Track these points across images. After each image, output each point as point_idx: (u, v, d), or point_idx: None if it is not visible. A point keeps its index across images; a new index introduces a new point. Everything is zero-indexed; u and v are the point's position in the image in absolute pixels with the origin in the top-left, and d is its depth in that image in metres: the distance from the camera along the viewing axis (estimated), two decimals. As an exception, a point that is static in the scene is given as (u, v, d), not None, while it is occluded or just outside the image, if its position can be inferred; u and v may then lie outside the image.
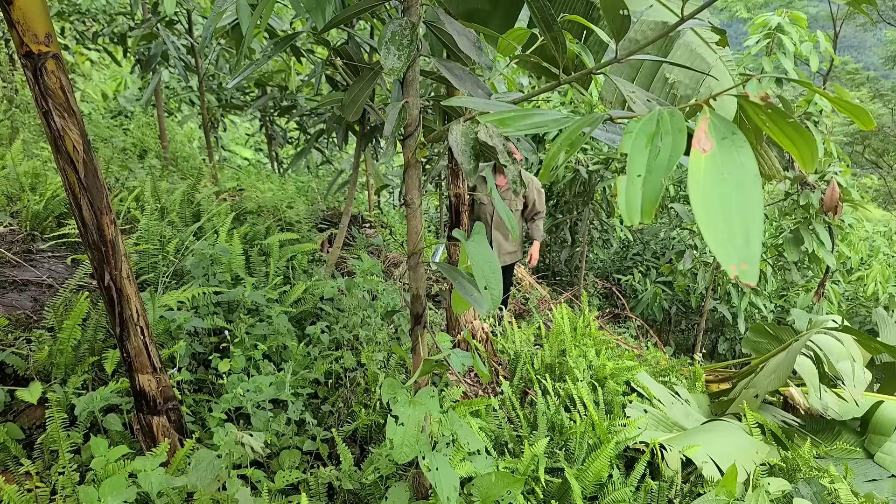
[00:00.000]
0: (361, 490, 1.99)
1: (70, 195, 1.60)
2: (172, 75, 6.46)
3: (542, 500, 2.16)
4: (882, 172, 19.07)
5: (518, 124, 1.10)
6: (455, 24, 1.52)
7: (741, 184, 0.66)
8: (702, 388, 3.74)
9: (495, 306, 1.36)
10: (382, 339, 2.94)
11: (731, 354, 6.34)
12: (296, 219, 4.27)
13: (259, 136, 9.39)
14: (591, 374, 3.11)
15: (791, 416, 3.15)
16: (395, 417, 1.49)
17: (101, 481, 1.59)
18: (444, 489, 1.49)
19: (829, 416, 3.11)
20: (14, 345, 2.20)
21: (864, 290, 6.65)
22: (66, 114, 1.53)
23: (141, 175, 4.51)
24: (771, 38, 5.26)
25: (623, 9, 1.08)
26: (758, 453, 2.58)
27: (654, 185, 0.70)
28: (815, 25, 14.11)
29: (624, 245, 7.63)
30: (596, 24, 2.14)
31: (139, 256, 3.09)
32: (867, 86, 17.19)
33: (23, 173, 3.52)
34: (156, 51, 4.59)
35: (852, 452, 2.85)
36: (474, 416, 2.50)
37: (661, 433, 2.75)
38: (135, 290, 1.75)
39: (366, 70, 1.66)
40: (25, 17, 1.45)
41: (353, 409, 2.47)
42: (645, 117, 0.80)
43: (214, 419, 2.06)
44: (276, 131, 6.45)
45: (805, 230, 4.88)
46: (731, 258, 0.63)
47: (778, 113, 0.85)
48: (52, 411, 1.83)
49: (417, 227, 1.57)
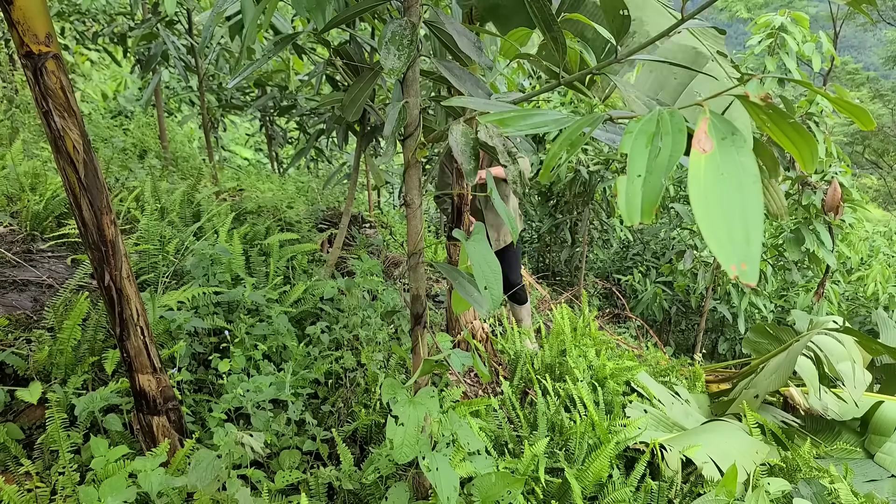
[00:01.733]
0: (361, 490, 1.99)
1: (70, 195, 1.60)
2: (172, 75, 6.46)
3: (542, 500, 2.16)
4: (882, 172, 19.07)
5: (518, 124, 1.10)
6: (455, 24, 1.52)
7: (741, 183, 0.66)
8: (702, 388, 3.74)
9: (495, 306, 1.36)
10: (382, 339, 2.94)
11: (731, 354, 6.34)
12: (296, 219, 4.27)
13: (259, 136, 9.39)
14: (592, 374, 3.11)
15: (791, 417, 3.15)
16: (395, 417, 1.49)
17: (101, 481, 1.59)
18: (444, 489, 1.49)
19: (829, 417, 3.11)
20: (14, 345, 2.20)
21: (864, 290, 6.65)
22: (66, 114, 1.53)
23: (141, 175, 4.51)
24: (773, 39, 5.26)
25: (623, 9, 1.08)
26: (758, 453, 2.58)
27: (654, 185, 0.70)
28: (815, 25, 14.10)
29: (624, 245, 7.63)
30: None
31: (139, 256, 3.09)
32: (867, 86, 17.19)
33: (23, 173, 3.52)
34: (156, 51, 4.59)
35: (852, 453, 2.85)
36: (474, 416, 2.50)
37: (661, 433, 2.76)
38: (135, 290, 1.75)
39: (366, 70, 1.66)
40: (25, 17, 1.45)
41: (353, 409, 2.47)
42: (645, 117, 0.79)
43: (214, 419, 2.06)
44: (276, 131, 6.46)
45: (806, 230, 4.88)
46: (732, 258, 0.63)
47: (779, 113, 0.85)
48: (52, 411, 1.83)
49: (417, 227, 1.57)
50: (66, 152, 1.55)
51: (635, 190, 0.71)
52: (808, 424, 3.14)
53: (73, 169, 1.56)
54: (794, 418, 3.13)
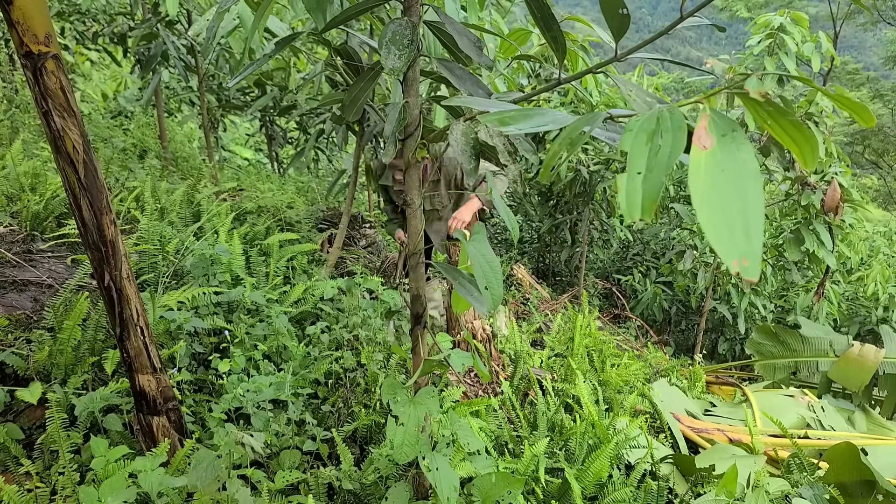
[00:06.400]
0: (361, 490, 1.99)
1: (70, 195, 1.60)
2: (172, 75, 6.45)
3: (542, 500, 2.16)
4: (882, 172, 19.08)
5: (519, 124, 1.10)
6: (455, 24, 1.52)
7: (742, 180, 0.66)
8: (702, 388, 3.74)
9: (495, 306, 1.36)
10: (382, 339, 2.94)
11: (732, 355, 6.33)
12: (296, 219, 4.27)
13: (259, 136, 9.38)
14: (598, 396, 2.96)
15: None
16: (396, 417, 1.48)
17: (101, 481, 1.59)
18: (444, 489, 1.49)
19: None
20: (14, 345, 2.20)
21: (864, 290, 6.65)
22: (66, 114, 1.53)
23: (141, 175, 4.50)
24: (773, 39, 5.26)
25: (622, 8, 1.08)
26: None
27: (654, 183, 0.70)
28: (815, 25, 14.11)
29: (624, 245, 7.63)
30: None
31: (139, 256, 3.09)
32: (867, 86, 17.19)
33: (23, 173, 3.52)
34: (156, 51, 4.59)
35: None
36: (474, 416, 2.50)
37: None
38: (135, 290, 1.75)
39: (366, 70, 1.66)
40: (25, 17, 1.45)
41: (353, 409, 2.47)
42: (645, 115, 0.79)
43: (214, 419, 2.06)
44: (276, 131, 6.45)
45: (805, 230, 4.87)
46: (732, 254, 0.63)
47: (779, 111, 0.84)
48: (53, 411, 1.83)
49: (417, 227, 1.57)
50: (65, 152, 1.54)
51: (636, 187, 0.71)
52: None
53: (72, 169, 1.56)
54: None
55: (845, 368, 3.78)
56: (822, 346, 4.00)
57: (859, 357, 3.77)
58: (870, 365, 3.68)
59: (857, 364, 3.75)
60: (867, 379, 3.68)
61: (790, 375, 4.09)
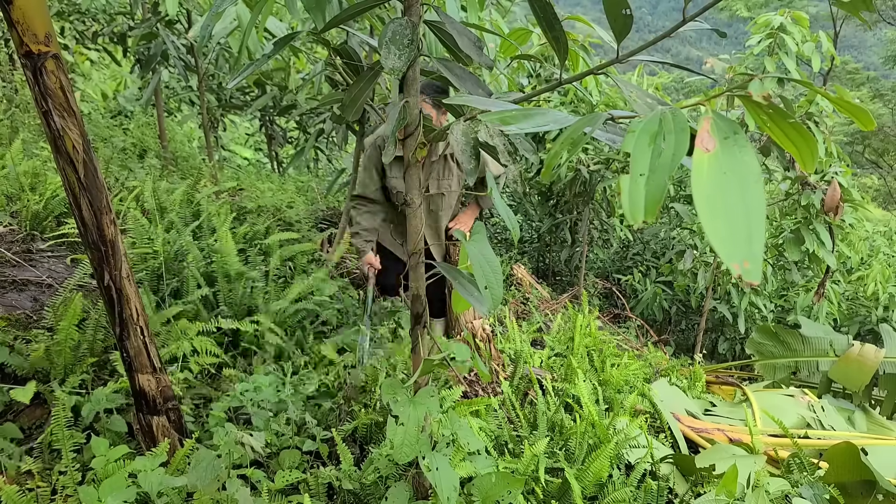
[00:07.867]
0: (361, 490, 1.99)
1: (70, 195, 1.60)
2: (172, 75, 6.45)
3: (542, 499, 2.16)
4: (882, 172, 19.08)
5: (519, 123, 1.10)
6: (456, 23, 1.52)
7: (744, 182, 0.66)
8: (702, 388, 3.74)
9: (496, 306, 1.35)
10: (382, 338, 2.94)
11: (732, 354, 6.33)
12: (295, 218, 4.27)
13: (259, 136, 9.37)
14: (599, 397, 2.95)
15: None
16: (396, 417, 1.48)
17: (101, 481, 1.59)
18: (444, 489, 1.49)
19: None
20: (13, 345, 2.20)
21: (864, 290, 6.65)
22: (65, 114, 1.53)
23: (141, 175, 4.50)
24: (773, 38, 5.25)
25: (626, 9, 1.07)
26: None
27: (657, 184, 0.70)
28: (815, 25, 14.11)
29: (624, 245, 7.62)
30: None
31: (138, 256, 3.08)
32: (867, 86, 17.20)
33: (23, 173, 3.52)
34: (156, 50, 4.59)
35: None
36: (474, 416, 2.49)
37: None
38: (134, 289, 1.75)
39: (366, 70, 1.66)
40: (25, 16, 1.44)
41: (353, 409, 2.47)
42: (648, 117, 0.79)
43: (214, 419, 2.06)
44: (276, 131, 6.45)
45: (806, 230, 4.87)
46: (734, 256, 0.63)
47: (779, 113, 0.84)
48: (58, 411, 1.83)
49: (417, 227, 1.57)
50: (65, 152, 1.54)
51: (638, 189, 0.71)
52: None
53: (72, 169, 1.56)
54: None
55: (845, 368, 3.77)
56: (823, 346, 4.00)
57: (859, 357, 3.76)
58: (870, 365, 3.67)
59: (857, 364, 3.74)
60: (867, 379, 3.68)
61: (790, 375, 4.09)
